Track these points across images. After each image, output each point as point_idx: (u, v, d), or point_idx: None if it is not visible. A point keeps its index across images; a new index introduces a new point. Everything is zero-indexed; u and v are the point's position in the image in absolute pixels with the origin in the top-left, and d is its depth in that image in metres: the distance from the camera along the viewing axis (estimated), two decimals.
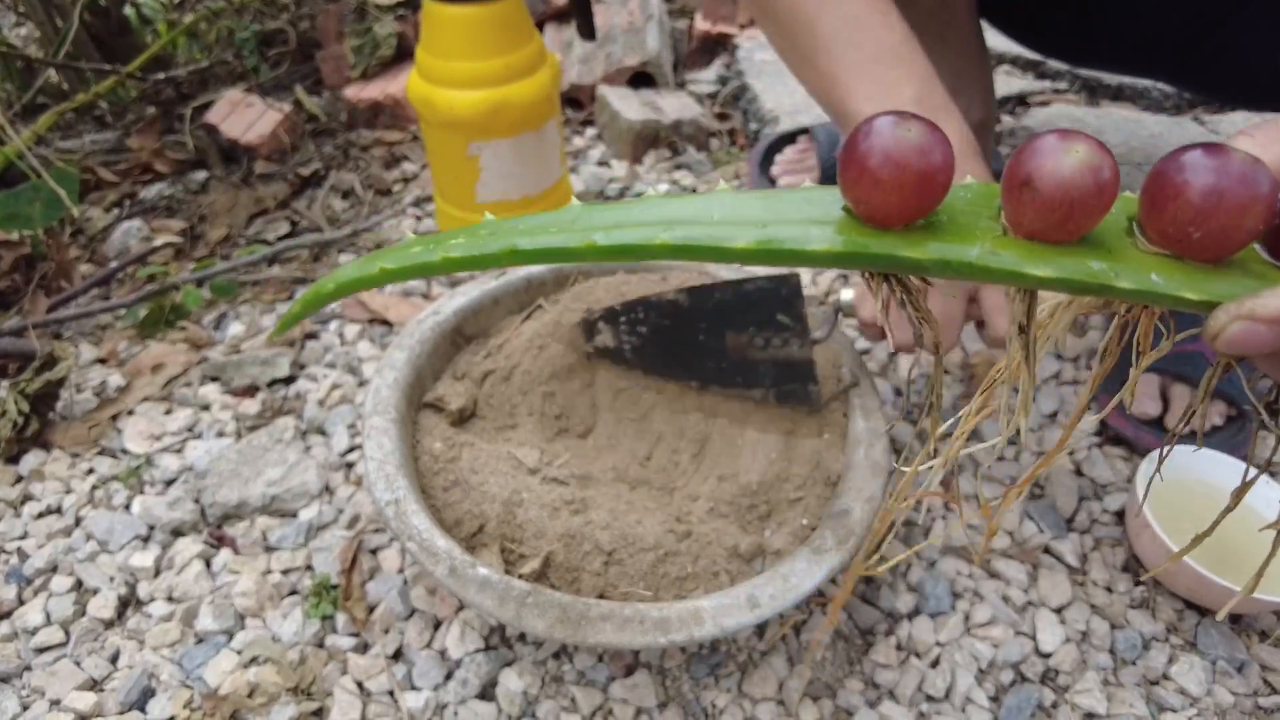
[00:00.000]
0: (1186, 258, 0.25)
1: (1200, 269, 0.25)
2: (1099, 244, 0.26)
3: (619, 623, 0.55)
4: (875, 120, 0.25)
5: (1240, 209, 0.23)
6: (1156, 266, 0.26)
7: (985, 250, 0.25)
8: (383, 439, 0.66)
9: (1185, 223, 0.24)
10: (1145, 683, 0.68)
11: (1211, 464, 0.76)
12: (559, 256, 0.27)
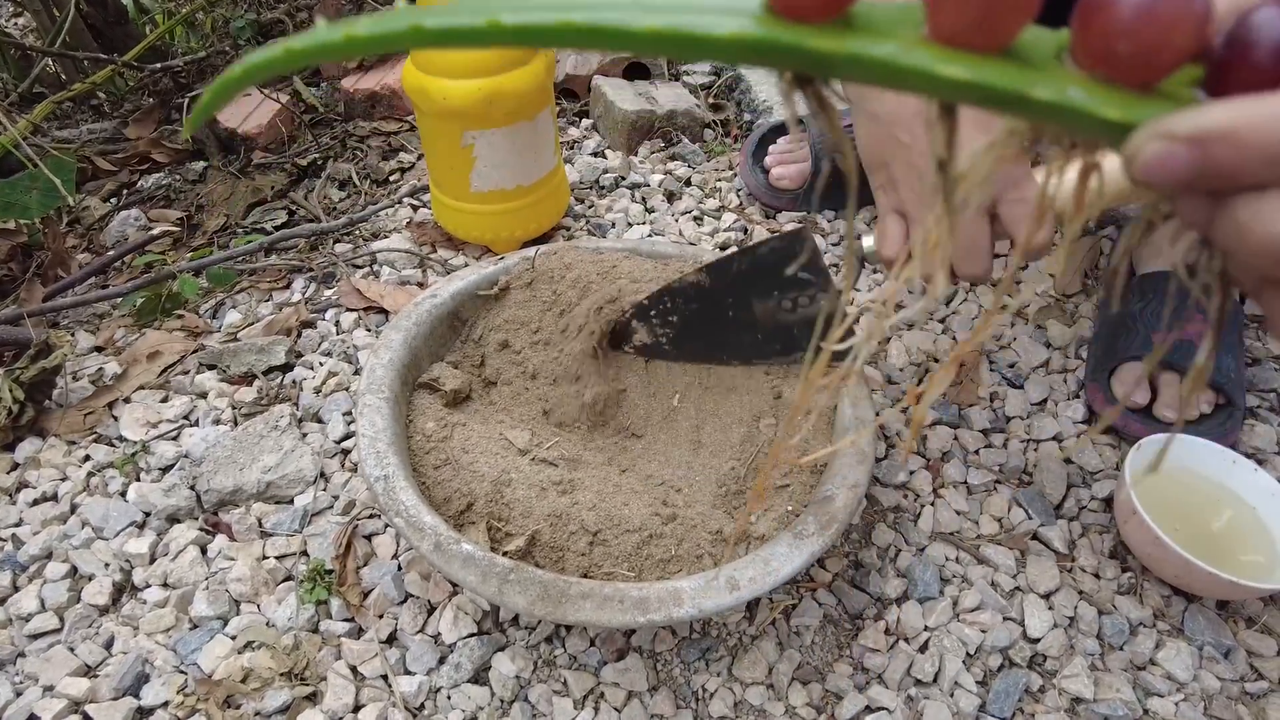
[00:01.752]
0: (1115, 80, 0.23)
1: (1127, 93, 0.23)
2: (1024, 60, 0.24)
3: (598, 601, 0.56)
4: None
5: (1170, 23, 0.22)
6: (1079, 83, 0.24)
7: (898, 49, 0.24)
8: (375, 417, 0.67)
9: (1113, 35, 0.22)
10: (1132, 668, 0.69)
11: (1199, 452, 0.77)
12: (463, 38, 0.25)
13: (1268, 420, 0.85)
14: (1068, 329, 0.95)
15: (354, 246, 1.11)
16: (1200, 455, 0.77)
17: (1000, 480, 0.81)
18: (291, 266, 1.08)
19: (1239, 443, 0.82)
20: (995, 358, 0.92)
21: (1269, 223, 0.22)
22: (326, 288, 1.05)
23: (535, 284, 0.80)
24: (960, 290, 1.00)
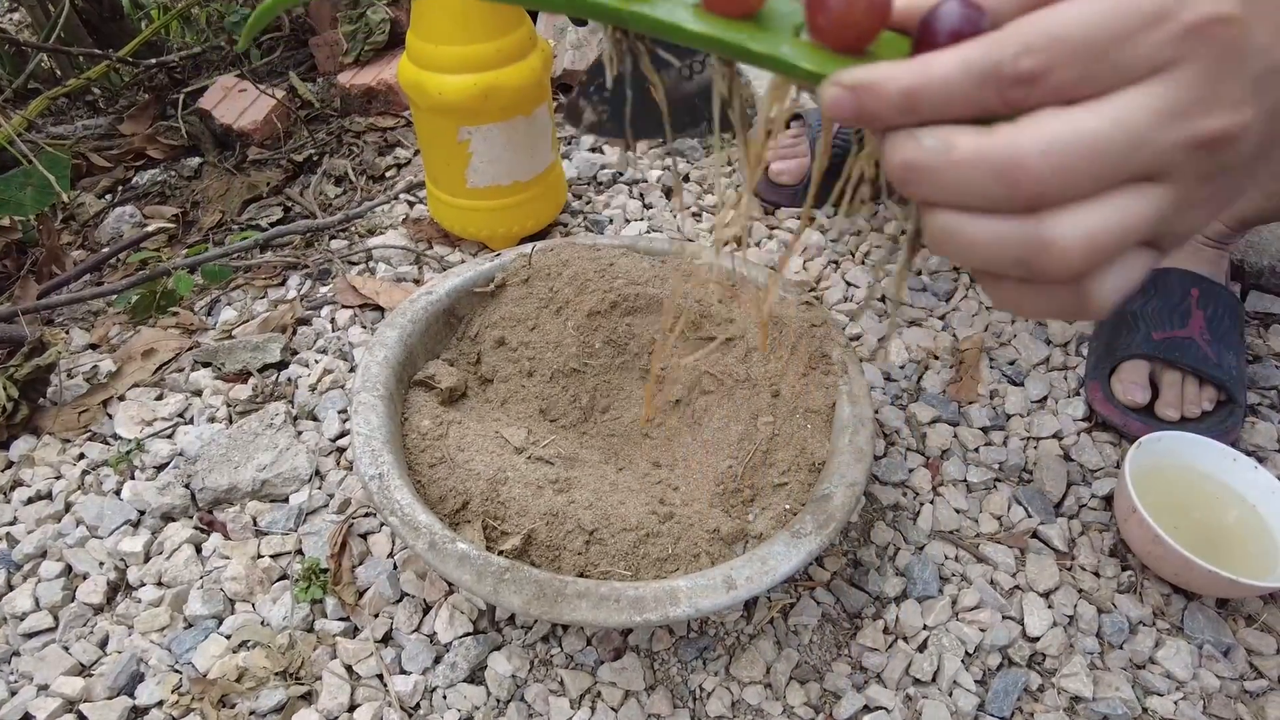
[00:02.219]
0: (825, 45, 0.30)
1: (837, 56, 0.30)
2: (765, 27, 0.31)
3: (594, 600, 0.55)
4: None
5: (856, 8, 0.29)
6: (796, 45, 0.30)
7: (668, 10, 0.31)
8: (370, 415, 0.66)
9: (816, 13, 0.30)
10: (1132, 666, 0.68)
11: (1200, 449, 0.76)
12: None
13: (1268, 418, 0.85)
14: (1068, 326, 0.94)
15: (350, 243, 1.11)
16: (1201, 453, 0.76)
17: (1000, 478, 0.81)
18: (287, 263, 1.07)
19: (1239, 440, 0.82)
20: (995, 355, 0.92)
21: (895, 153, 0.29)
22: (322, 284, 1.04)
23: (532, 281, 0.79)
24: (961, 287, 1.00)
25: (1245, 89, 0.27)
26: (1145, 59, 0.27)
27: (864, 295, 0.84)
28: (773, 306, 0.71)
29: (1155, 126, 0.27)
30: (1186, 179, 0.28)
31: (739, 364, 0.74)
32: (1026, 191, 0.27)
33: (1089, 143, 0.26)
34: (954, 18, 0.28)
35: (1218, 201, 0.30)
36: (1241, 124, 0.27)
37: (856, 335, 0.95)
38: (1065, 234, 0.27)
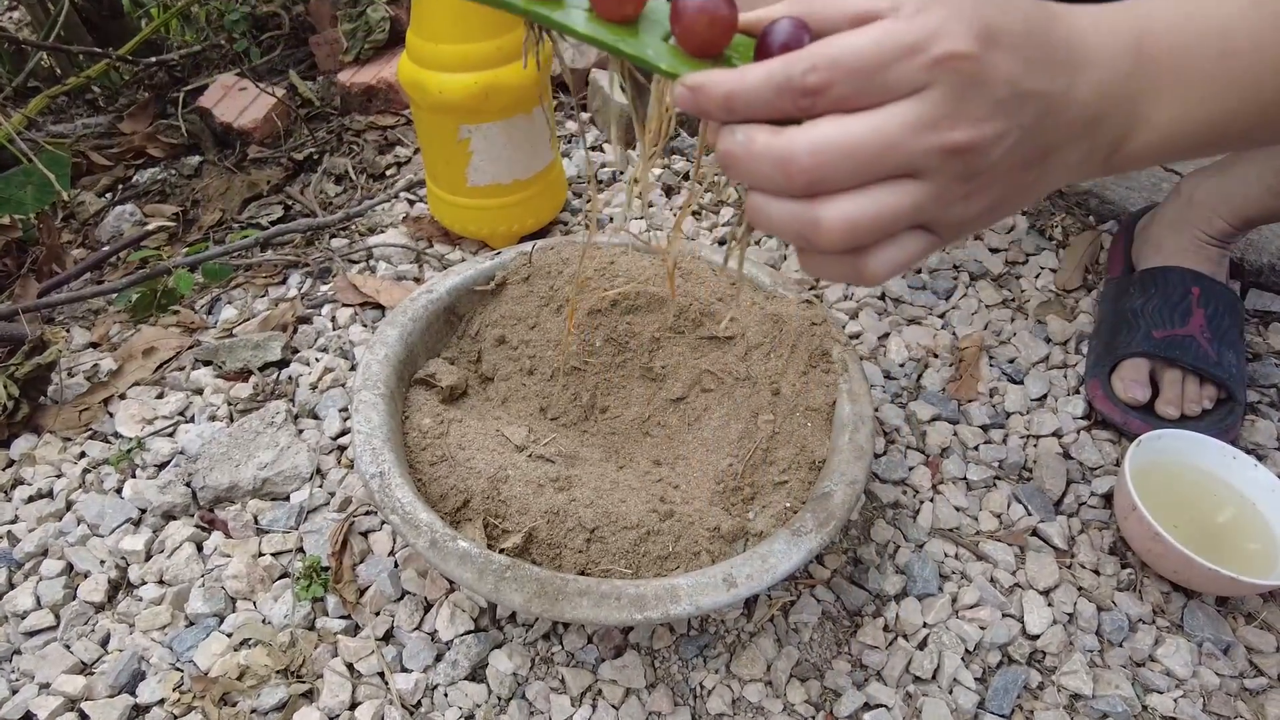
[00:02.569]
0: (685, 50, 0.37)
1: (694, 60, 0.37)
2: (639, 33, 0.38)
3: (596, 598, 0.55)
4: None
5: (706, 17, 0.36)
6: (658, 48, 0.37)
7: (564, 14, 0.38)
8: (370, 413, 0.66)
9: (675, 24, 0.36)
10: (1131, 664, 0.68)
11: (1200, 447, 0.76)
12: None
13: (1268, 416, 0.85)
14: (1068, 324, 0.94)
15: (350, 241, 1.11)
16: (1201, 451, 0.76)
17: (1000, 476, 0.81)
18: (287, 262, 1.07)
19: (1239, 438, 0.82)
20: (995, 353, 0.92)
21: (718, 143, 0.36)
22: (322, 283, 1.04)
23: (532, 279, 0.79)
24: (960, 285, 1.00)
25: (987, 109, 0.33)
26: (905, 81, 0.33)
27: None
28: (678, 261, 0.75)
29: (908, 134, 0.33)
30: (941, 178, 0.34)
31: (739, 362, 0.74)
32: (798, 180, 0.34)
33: (850, 144, 0.33)
34: (783, 33, 0.35)
35: (985, 196, 0.36)
36: (982, 137, 0.34)
37: (856, 333, 0.95)
38: (829, 216, 0.34)
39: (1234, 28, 0.37)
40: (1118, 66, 0.37)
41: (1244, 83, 0.37)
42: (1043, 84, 0.35)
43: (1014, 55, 0.34)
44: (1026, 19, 0.35)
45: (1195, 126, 0.38)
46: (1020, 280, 1.01)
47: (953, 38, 0.33)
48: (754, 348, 0.74)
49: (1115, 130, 0.38)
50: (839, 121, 0.33)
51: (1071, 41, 0.36)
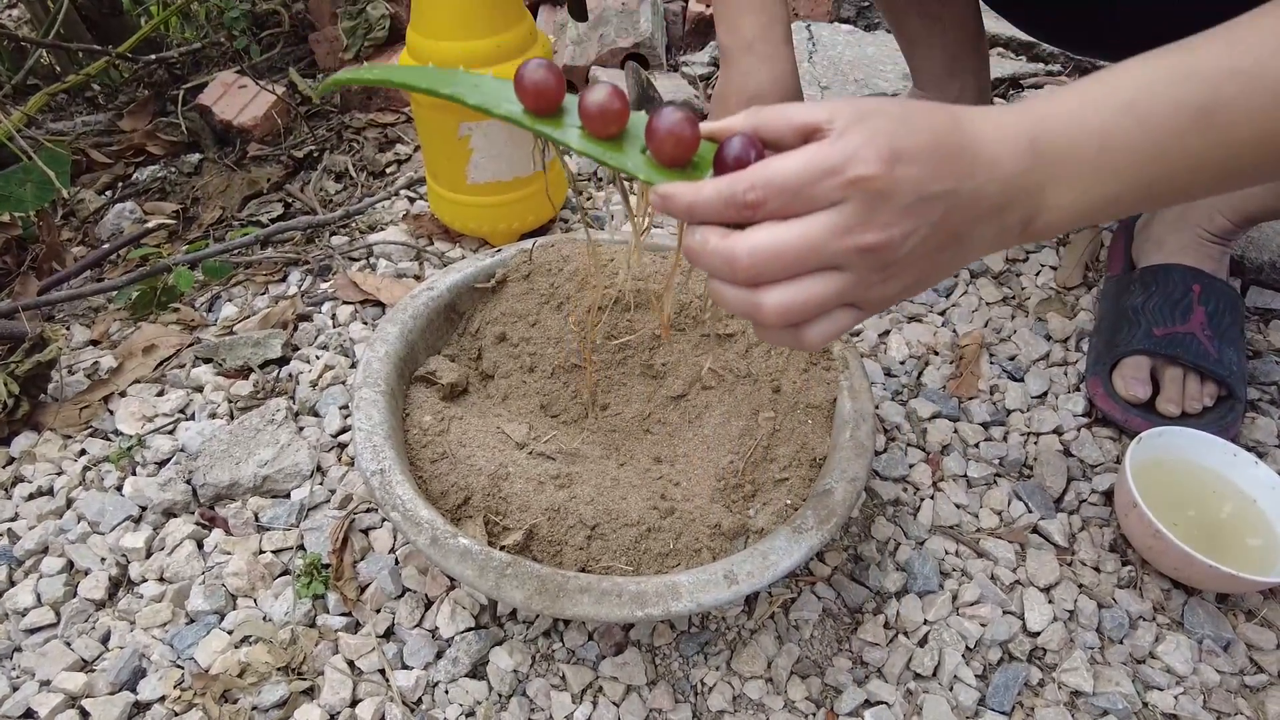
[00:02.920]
0: (663, 162, 0.45)
1: (665, 170, 0.45)
2: (622, 147, 0.46)
3: (596, 595, 0.55)
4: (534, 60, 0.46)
5: (671, 135, 0.43)
6: (639, 160, 0.45)
7: (563, 133, 0.46)
8: (371, 410, 0.66)
9: (649, 141, 0.44)
10: (1132, 661, 0.68)
11: (1200, 445, 0.76)
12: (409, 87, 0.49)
13: (1268, 413, 0.85)
14: (1068, 322, 0.94)
15: (350, 239, 1.11)
16: (1201, 448, 0.76)
17: (1000, 473, 0.81)
18: (287, 259, 1.07)
19: (1240, 436, 0.82)
20: (995, 350, 0.92)
21: (685, 240, 0.45)
22: (323, 281, 1.04)
23: (533, 276, 0.79)
24: (961, 283, 1.00)
25: (894, 215, 0.41)
26: (825, 197, 0.41)
27: None
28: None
29: (828, 239, 0.41)
30: (859, 270, 0.42)
31: (740, 360, 0.74)
32: (741, 275, 0.43)
33: (779, 247, 0.41)
34: (734, 151, 0.43)
35: (902, 278, 0.44)
36: (889, 238, 0.41)
37: (857, 331, 0.95)
38: (767, 302, 0.43)
39: (1110, 129, 0.43)
40: (1017, 163, 0.43)
41: (1124, 173, 0.44)
42: (947, 185, 0.42)
43: (918, 168, 0.41)
44: (933, 133, 0.42)
45: (1091, 205, 0.45)
46: (1021, 278, 1.01)
47: (864, 163, 0.40)
48: (755, 345, 0.74)
49: (1022, 212, 0.45)
50: (772, 228, 0.42)
51: (975, 146, 0.43)
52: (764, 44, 0.78)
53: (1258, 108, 0.42)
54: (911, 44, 1.04)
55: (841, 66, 1.37)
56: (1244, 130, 0.43)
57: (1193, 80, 0.43)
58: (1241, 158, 0.44)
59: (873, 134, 0.41)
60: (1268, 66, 0.41)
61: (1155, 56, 0.45)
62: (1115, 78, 0.45)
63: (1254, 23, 0.43)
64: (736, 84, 0.80)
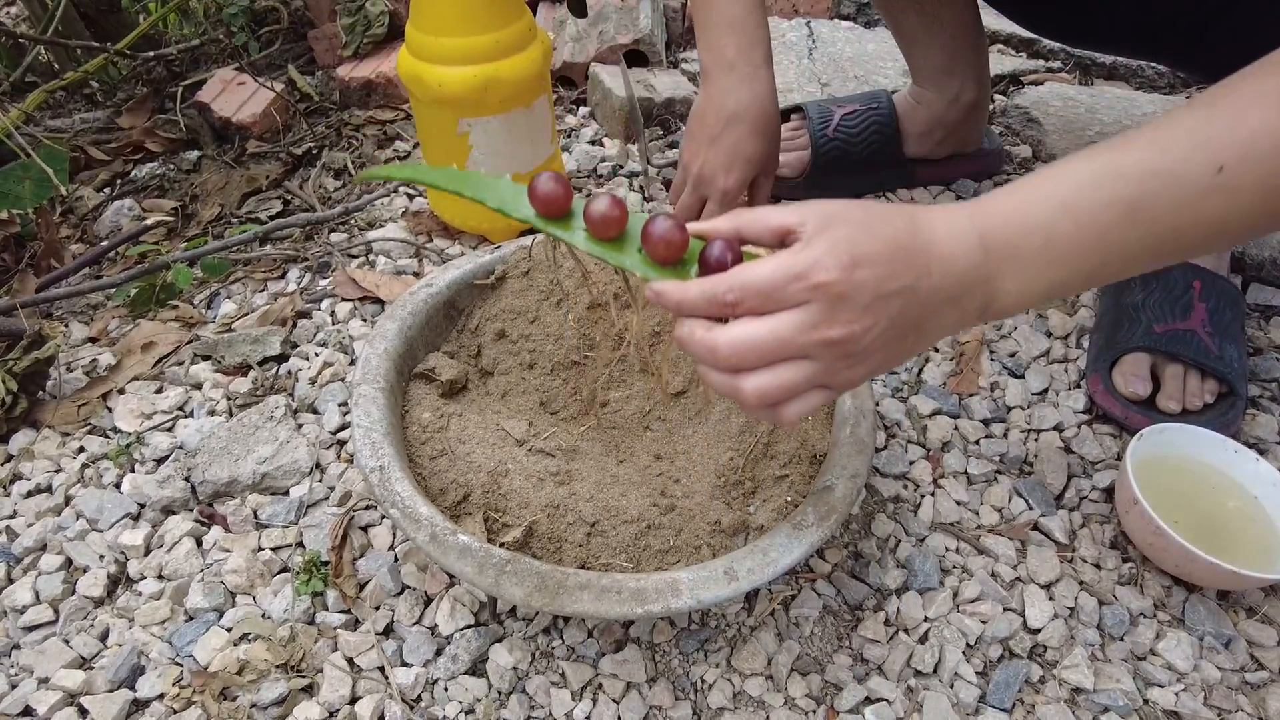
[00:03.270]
0: (656, 261, 0.51)
1: (659, 268, 0.51)
2: (621, 247, 0.52)
3: (596, 592, 0.55)
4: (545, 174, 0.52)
5: (662, 240, 0.50)
6: (636, 259, 0.52)
7: (571, 235, 0.52)
8: (370, 407, 0.66)
9: (644, 243, 0.51)
10: (1133, 658, 0.68)
11: (1201, 442, 0.76)
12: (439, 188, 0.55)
13: (1269, 410, 0.85)
14: (1069, 318, 0.94)
15: (349, 236, 1.10)
16: (1202, 445, 0.76)
17: (1001, 470, 0.81)
18: (286, 256, 1.07)
19: (1240, 432, 0.82)
20: (995, 347, 0.92)
21: (676, 330, 0.50)
22: (322, 277, 1.04)
23: (532, 273, 0.79)
24: None
25: (854, 313, 0.46)
26: (792, 298, 0.46)
27: None
28: None
29: (796, 333, 0.46)
30: (826, 358, 0.48)
31: None
32: (722, 364, 0.48)
33: (754, 340, 0.47)
34: (715, 254, 0.49)
35: (868, 363, 0.49)
36: (851, 332, 0.47)
37: None
38: (745, 386, 0.48)
39: (1051, 225, 0.49)
40: (969, 259, 0.49)
41: (1066, 263, 0.50)
42: (904, 282, 0.47)
43: (875, 270, 0.47)
44: (891, 239, 0.48)
45: (1040, 291, 0.51)
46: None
47: (825, 270, 0.46)
48: None
49: (978, 300, 0.50)
50: (748, 324, 0.48)
51: (930, 247, 0.49)
52: (745, 64, 0.83)
53: (1177, 202, 0.48)
54: (910, 42, 1.04)
55: (841, 63, 1.37)
56: (1167, 223, 0.48)
57: (1121, 181, 0.48)
58: (1166, 245, 0.50)
59: (834, 242, 0.47)
60: (1184, 167, 0.47)
61: (1088, 156, 0.50)
62: (1054, 177, 0.50)
63: (1175, 123, 0.49)
64: (716, 102, 0.84)
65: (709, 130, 0.86)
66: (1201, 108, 0.48)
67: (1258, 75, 0.48)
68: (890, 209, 0.50)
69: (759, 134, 0.85)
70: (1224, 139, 0.47)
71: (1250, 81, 0.48)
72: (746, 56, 0.83)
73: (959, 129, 1.07)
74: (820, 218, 0.48)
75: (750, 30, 0.83)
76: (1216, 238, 0.50)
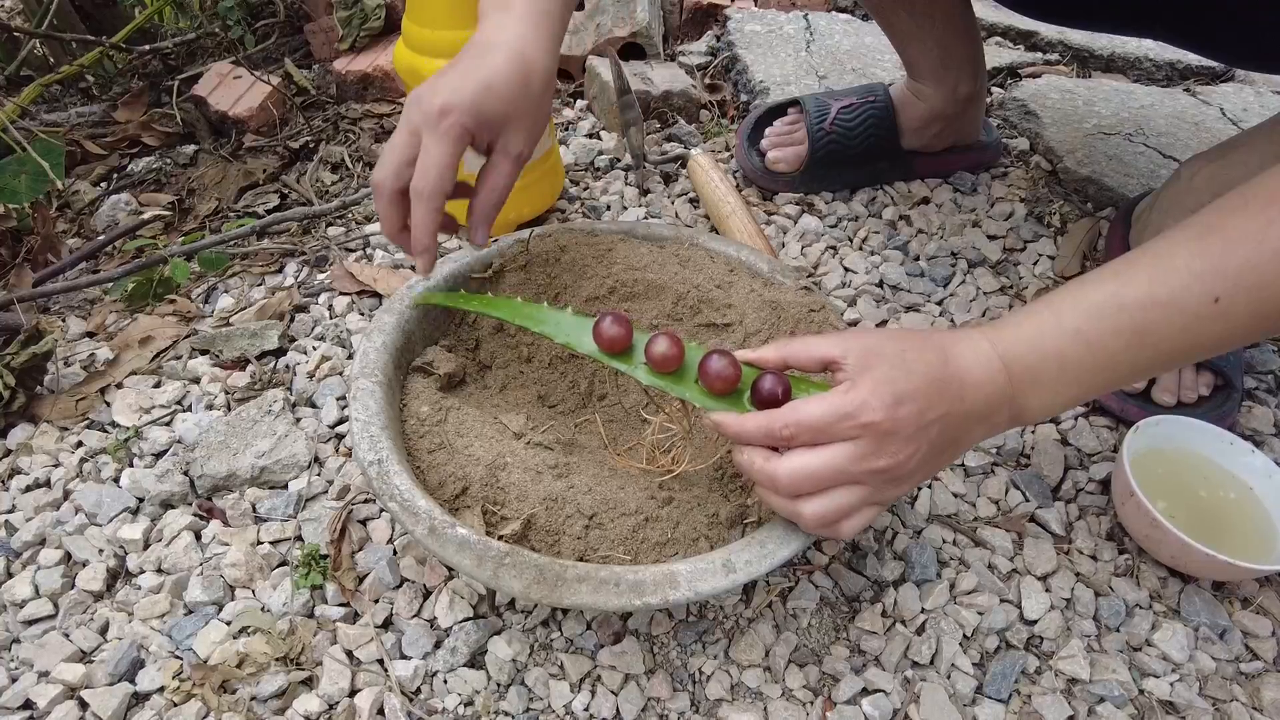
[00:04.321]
0: (713, 393, 0.59)
1: (715, 398, 0.59)
2: (682, 380, 0.60)
3: (595, 584, 0.55)
4: (609, 316, 0.61)
5: (719, 377, 0.58)
6: (694, 390, 0.60)
7: (633, 369, 0.61)
8: (368, 400, 0.66)
9: (701, 377, 0.59)
10: (1128, 649, 0.69)
11: (1197, 433, 0.77)
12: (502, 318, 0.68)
13: (1265, 402, 0.85)
14: None
15: (347, 230, 1.10)
16: (1198, 437, 0.77)
17: (998, 463, 0.81)
18: (284, 250, 1.07)
19: (1236, 424, 0.82)
20: None
21: (736, 456, 0.58)
22: (319, 271, 1.04)
23: (530, 267, 0.79)
24: (959, 273, 1.00)
25: (899, 444, 0.53)
26: (843, 434, 0.53)
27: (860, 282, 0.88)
28: None
29: (848, 464, 0.53)
30: (875, 482, 0.54)
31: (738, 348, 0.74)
32: (783, 491, 0.55)
33: (810, 470, 0.53)
34: (766, 388, 0.57)
35: (912, 481, 0.56)
36: (897, 461, 0.53)
37: (855, 320, 0.95)
38: (804, 510, 0.55)
39: (1065, 352, 0.55)
40: (995, 383, 0.55)
41: (1082, 381, 0.56)
42: (941, 410, 0.54)
43: (916, 405, 0.53)
44: (927, 374, 0.54)
45: (1061, 403, 0.57)
46: (1019, 267, 1.01)
47: (872, 411, 0.52)
48: (752, 334, 0.74)
49: (1006, 416, 0.57)
50: (804, 455, 0.54)
51: (961, 375, 0.55)
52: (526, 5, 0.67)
53: (1179, 329, 0.53)
54: (903, 39, 1.04)
55: (839, 56, 1.37)
56: (1170, 345, 0.54)
57: (1124, 312, 0.53)
58: (1174, 359, 0.56)
59: (877, 384, 0.53)
60: (1183, 298, 0.52)
61: (1096, 282, 0.55)
62: (1066, 304, 0.56)
63: (1172, 254, 0.54)
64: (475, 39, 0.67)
65: (453, 61, 0.65)
66: (1194, 240, 0.53)
67: (1245, 209, 0.52)
68: (921, 341, 0.56)
69: (511, 69, 0.64)
70: (1216, 273, 0.52)
71: (1237, 216, 0.52)
72: (526, 1, 0.67)
73: (956, 121, 1.07)
74: (861, 352, 0.55)
75: (536, 5, 0.67)
76: (1216, 351, 0.56)
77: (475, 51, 0.65)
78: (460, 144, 0.62)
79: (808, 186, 1.11)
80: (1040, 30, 1.44)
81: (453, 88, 0.62)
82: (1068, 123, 1.20)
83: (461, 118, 0.61)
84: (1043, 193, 1.11)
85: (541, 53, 0.66)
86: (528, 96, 0.65)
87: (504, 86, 0.63)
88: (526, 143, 0.67)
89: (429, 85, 0.63)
